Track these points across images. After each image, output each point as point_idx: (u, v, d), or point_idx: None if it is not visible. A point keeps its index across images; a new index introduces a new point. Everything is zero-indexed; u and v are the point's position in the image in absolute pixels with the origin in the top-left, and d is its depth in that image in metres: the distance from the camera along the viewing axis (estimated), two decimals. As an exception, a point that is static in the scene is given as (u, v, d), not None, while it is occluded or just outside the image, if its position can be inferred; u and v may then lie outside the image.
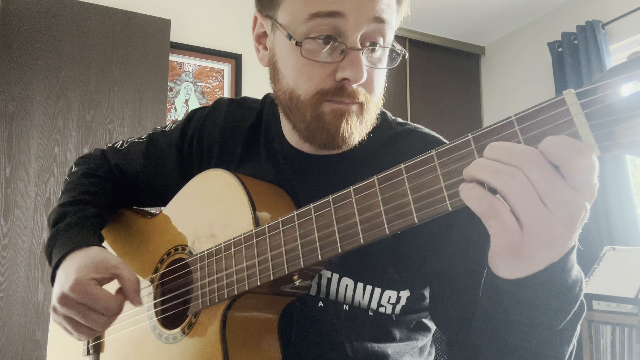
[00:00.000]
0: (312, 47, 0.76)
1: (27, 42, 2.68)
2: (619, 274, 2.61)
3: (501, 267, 0.56)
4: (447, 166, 0.55)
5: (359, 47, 0.75)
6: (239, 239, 0.79)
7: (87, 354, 1.02)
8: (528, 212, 0.48)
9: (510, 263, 0.54)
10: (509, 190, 0.48)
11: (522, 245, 0.50)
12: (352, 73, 0.75)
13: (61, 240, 0.94)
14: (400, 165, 0.59)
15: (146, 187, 1.09)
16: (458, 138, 0.54)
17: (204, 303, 0.83)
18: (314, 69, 0.77)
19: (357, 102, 0.79)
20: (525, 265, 0.53)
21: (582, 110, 0.46)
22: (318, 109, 0.79)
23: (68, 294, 0.82)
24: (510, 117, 0.50)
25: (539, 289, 0.55)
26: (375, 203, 0.61)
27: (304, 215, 0.70)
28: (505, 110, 4.06)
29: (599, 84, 0.45)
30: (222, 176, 0.88)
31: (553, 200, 0.47)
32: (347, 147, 0.82)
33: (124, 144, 1.12)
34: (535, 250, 0.51)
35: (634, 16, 3.16)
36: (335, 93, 0.78)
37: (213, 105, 1.06)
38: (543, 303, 0.57)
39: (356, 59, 0.75)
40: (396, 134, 0.93)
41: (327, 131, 0.80)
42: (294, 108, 0.82)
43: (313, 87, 0.78)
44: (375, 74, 0.81)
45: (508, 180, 0.48)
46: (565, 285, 0.56)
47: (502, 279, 0.57)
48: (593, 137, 0.46)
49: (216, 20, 3.42)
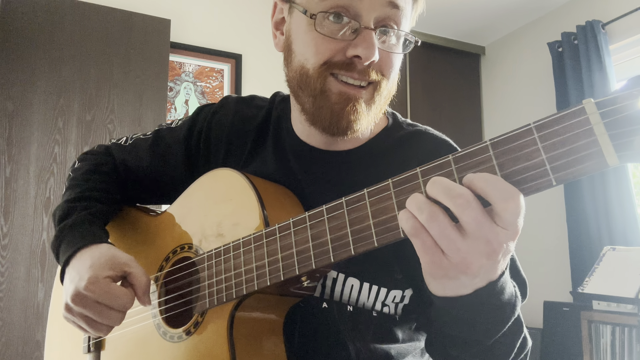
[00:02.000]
0: (326, 24, 0.78)
1: (27, 42, 2.67)
2: (619, 274, 2.61)
3: (431, 283, 0.61)
4: (464, 171, 0.55)
5: (372, 27, 0.77)
6: (248, 238, 0.79)
7: (87, 351, 1.01)
8: (446, 247, 0.54)
9: (437, 280, 0.59)
10: (430, 228, 0.54)
11: (444, 267, 0.56)
12: (364, 51, 0.77)
13: (69, 237, 0.93)
14: (416, 169, 0.60)
15: (152, 183, 1.08)
16: (476, 144, 0.55)
17: (212, 302, 0.82)
18: (324, 43, 0.79)
19: (369, 81, 0.80)
20: (451, 286, 0.59)
21: (601, 119, 0.46)
22: (325, 83, 0.80)
23: (84, 293, 0.81)
24: (529, 124, 0.51)
25: (469, 309, 0.61)
26: (389, 206, 0.61)
27: (316, 216, 0.70)
28: (505, 111, 4.07)
29: (618, 94, 0.45)
30: (230, 175, 0.88)
31: (478, 238, 0.52)
32: (351, 132, 0.83)
33: (128, 140, 1.11)
34: (456, 275, 0.56)
35: (634, 16, 3.16)
36: (345, 67, 0.79)
37: (221, 103, 1.06)
38: (472, 321, 0.63)
39: (369, 37, 0.77)
40: (406, 134, 0.93)
41: (331, 110, 0.81)
42: (303, 84, 0.83)
43: (321, 58, 0.80)
44: (389, 57, 0.82)
45: (428, 220, 0.53)
46: (495, 307, 0.61)
47: (434, 295, 0.62)
48: (612, 146, 0.46)
49: (216, 20, 3.41)
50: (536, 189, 0.51)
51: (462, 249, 0.53)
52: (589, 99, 0.46)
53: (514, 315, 0.65)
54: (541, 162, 0.51)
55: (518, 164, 0.52)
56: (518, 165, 0.52)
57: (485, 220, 0.52)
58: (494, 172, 0.54)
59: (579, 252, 3.26)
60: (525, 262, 3.78)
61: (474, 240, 0.53)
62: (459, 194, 0.52)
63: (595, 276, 2.70)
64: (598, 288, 2.63)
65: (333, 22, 0.78)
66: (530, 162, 0.51)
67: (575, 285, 3.22)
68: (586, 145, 0.48)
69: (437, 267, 0.56)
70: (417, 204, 0.55)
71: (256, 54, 3.41)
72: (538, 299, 3.30)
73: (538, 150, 0.51)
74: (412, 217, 0.55)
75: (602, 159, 0.47)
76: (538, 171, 0.51)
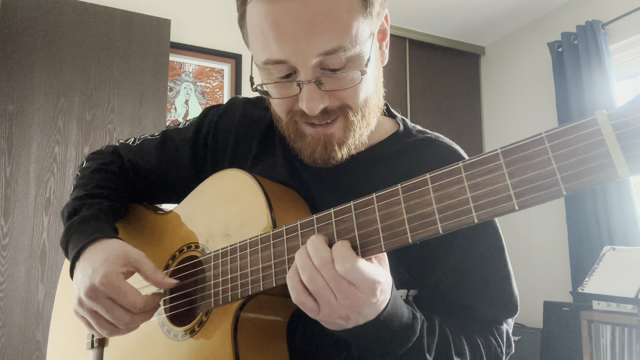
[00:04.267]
0: (273, 76, 0.79)
1: (27, 42, 2.67)
2: (619, 274, 2.62)
3: (323, 323, 0.71)
4: (475, 178, 0.56)
5: (311, 80, 0.76)
6: (255, 239, 0.78)
7: (91, 347, 1.01)
8: (319, 300, 0.67)
9: (324, 323, 0.71)
10: (308, 286, 0.66)
11: (319, 316, 0.68)
12: (307, 105, 0.77)
13: (79, 233, 0.92)
14: (426, 175, 0.60)
15: (160, 182, 1.09)
16: (487, 152, 0.55)
17: (216, 302, 0.82)
18: (282, 100, 0.82)
19: (332, 117, 0.81)
20: (332, 325, 0.70)
21: (613, 131, 0.47)
22: (297, 128, 0.84)
23: (98, 287, 0.81)
24: (540, 133, 0.51)
25: (357, 337, 0.72)
26: (398, 211, 0.62)
27: (324, 219, 0.70)
28: (505, 111, 4.07)
29: (630, 106, 0.45)
30: (239, 176, 0.88)
31: (339, 293, 0.65)
32: (335, 162, 0.86)
33: (136, 141, 1.12)
34: (332, 320, 0.68)
35: (634, 16, 3.17)
36: (305, 115, 0.80)
37: (228, 104, 1.06)
38: (364, 347, 0.74)
39: (309, 91, 0.77)
40: (417, 141, 0.93)
41: (309, 149, 0.85)
42: (280, 125, 0.88)
43: (285, 109, 0.83)
44: (346, 91, 0.79)
45: (308, 280, 0.66)
46: (380, 337, 0.71)
47: (333, 330, 0.73)
48: (624, 157, 0.46)
49: (216, 20, 3.40)
50: (546, 198, 0.51)
51: (331, 303, 0.66)
52: (602, 110, 0.46)
53: (406, 345, 0.74)
54: (552, 172, 0.51)
55: (528, 172, 0.52)
56: (528, 174, 0.52)
57: (341, 280, 0.64)
58: (504, 180, 0.54)
59: (579, 252, 3.26)
60: (525, 262, 3.80)
61: (337, 294, 0.65)
62: (320, 256, 0.65)
63: (595, 276, 2.70)
64: (598, 288, 2.63)
65: (280, 78, 0.79)
66: (541, 171, 0.52)
67: (575, 285, 3.23)
68: (597, 156, 0.48)
69: (319, 318, 0.69)
70: (301, 262, 0.67)
71: (256, 54, 3.39)
72: (538, 299, 3.31)
73: (549, 160, 0.51)
74: (300, 285, 0.68)
75: (613, 170, 0.47)
76: (548, 180, 0.51)
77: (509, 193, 0.54)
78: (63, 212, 1.00)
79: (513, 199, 0.53)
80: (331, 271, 0.64)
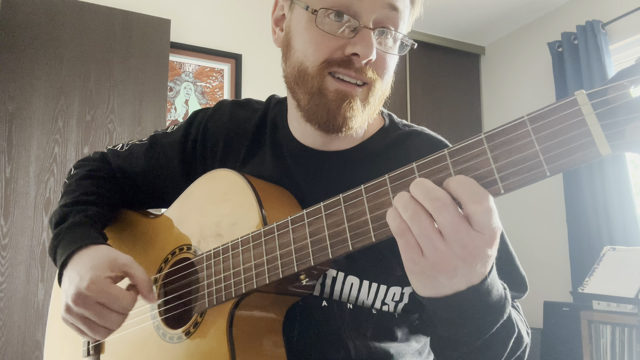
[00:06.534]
0: (326, 21, 0.80)
1: (27, 42, 2.68)
2: (619, 274, 2.61)
3: (413, 282, 0.62)
4: (460, 165, 0.56)
5: (371, 27, 0.79)
6: (246, 237, 0.79)
7: (87, 354, 1.01)
8: (424, 246, 0.56)
9: (418, 279, 0.61)
10: (411, 226, 0.56)
11: (421, 264, 0.57)
12: (362, 49, 0.78)
13: (66, 239, 0.93)
14: (412, 164, 0.60)
15: (149, 187, 1.09)
16: (470, 137, 0.55)
17: (211, 302, 0.83)
18: (324, 41, 0.81)
19: (365, 78, 0.82)
20: (430, 284, 0.60)
21: (593, 110, 0.47)
22: (323, 82, 0.82)
23: (85, 293, 0.81)
24: (522, 117, 0.51)
25: (453, 310, 0.63)
26: (387, 201, 0.62)
27: (314, 214, 0.70)
28: (505, 110, 4.07)
29: (609, 85, 0.46)
30: (228, 176, 0.88)
31: (454, 241, 0.54)
32: (347, 129, 0.84)
33: (124, 147, 1.12)
34: (435, 274, 0.58)
35: (634, 16, 3.17)
36: (343, 64, 0.80)
37: (216, 107, 1.06)
38: (459, 323, 0.65)
39: (367, 36, 0.79)
40: (403, 134, 0.94)
41: (328, 109, 0.82)
42: (300, 81, 0.84)
43: (321, 56, 0.81)
44: (384, 58, 0.84)
45: (410, 219, 0.56)
46: (480, 309, 0.63)
47: (419, 295, 0.64)
48: (604, 136, 0.47)
49: (216, 20, 3.42)
50: (531, 179, 0.52)
51: (439, 249, 0.55)
52: (581, 90, 0.47)
53: (502, 318, 0.67)
54: (535, 154, 0.51)
55: (512, 155, 0.53)
56: (512, 157, 0.53)
57: (461, 223, 0.54)
58: (489, 165, 0.54)
59: (579, 252, 3.26)
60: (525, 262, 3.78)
61: (450, 242, 0.55)
62: (436, 196, 0.54)
63: (595, 276, 2.70)
64: (598, 288, 2.63)
65: (333, 20, 0.79)
66: (525, 153, 0.52)
67: (575, 285, 3.22)
68: (579, 135, 0.48)
69: (415, 264, 0.58)
70: (402, 202, 0.57)
71: (256, 54, 3.41)
72: (538, 299, 3.30)
73: (532, 142, 0.51)
74: (398, 215, 0.57)
75: (595, 149, 0.48)
76: (532, 162, 0.52)
77: (494, 177, 0.54)
78: (51, 219, 1.00)
79: (498, 182, 0.54)
80: (451, 214, 0.54)
